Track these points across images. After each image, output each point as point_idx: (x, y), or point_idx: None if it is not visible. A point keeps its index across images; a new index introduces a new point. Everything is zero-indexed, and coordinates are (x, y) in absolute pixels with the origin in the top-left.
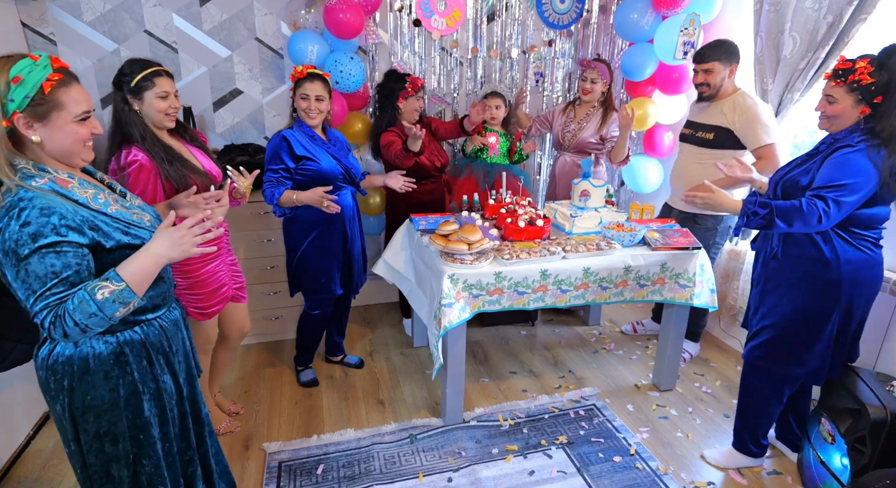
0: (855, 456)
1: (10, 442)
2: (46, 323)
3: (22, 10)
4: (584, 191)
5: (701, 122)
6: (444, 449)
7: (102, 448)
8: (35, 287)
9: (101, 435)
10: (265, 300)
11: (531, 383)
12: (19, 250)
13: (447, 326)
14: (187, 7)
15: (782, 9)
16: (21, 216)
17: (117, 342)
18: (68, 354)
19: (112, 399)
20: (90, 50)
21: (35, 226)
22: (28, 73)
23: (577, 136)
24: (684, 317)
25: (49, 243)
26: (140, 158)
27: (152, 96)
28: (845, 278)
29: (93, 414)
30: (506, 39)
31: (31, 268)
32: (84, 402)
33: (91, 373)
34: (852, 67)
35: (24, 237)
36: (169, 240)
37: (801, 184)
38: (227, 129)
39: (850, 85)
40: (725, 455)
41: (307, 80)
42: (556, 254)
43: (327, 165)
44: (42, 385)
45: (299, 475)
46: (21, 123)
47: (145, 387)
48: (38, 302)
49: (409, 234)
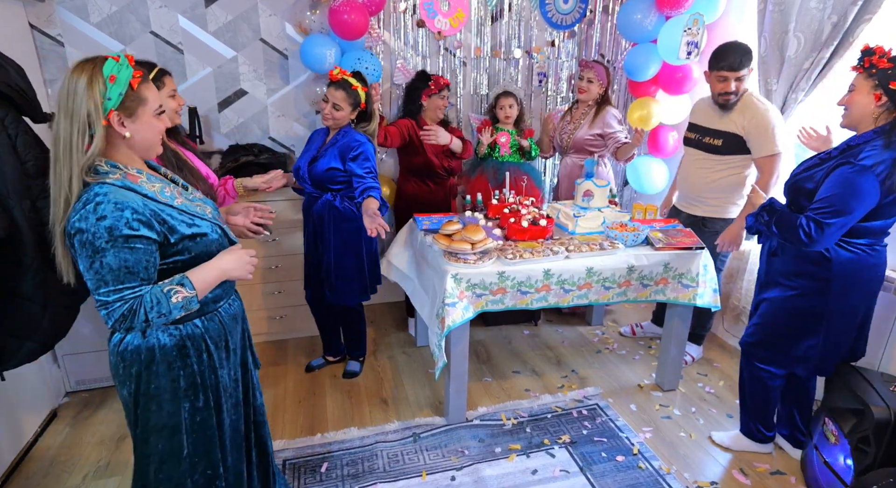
0: (859, 456)
1: (18, 438)
2: (117, 313)
3: (30, 11)
4: (587, 191)
5: (708, 126)
6: (447, 448)
7: (160, 437)
8: (108, 278)
9: (160, 427)
10: (269, 299)
11: (534, 382)
12: (96, 242)
13: (450, 326)
14: (192, 8)
15: (786, 9)
16: (97, 210)
17: (180, 335)
18: (137, 344)
19: (173, 389)
20: (97, 51)
21: (111, 220)
22: (118, 71)
23: (573, 136)
24: (688, 317)
25: (124, 236)
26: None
27: (164, 96)
28: (837, 276)
29: (155, 403)
30: (509, 40)
31: (107, 261)
32: (149, 390)
33: (156, 364)
34: (870, 50)
35: (101, 230)
36: (237, 262)
37: (805, 189)
38: (232, 130)
39: (868, 70)
40: (733, 438)
41: (333, 85)
42: (559, 254)
43: (296, 165)
44: (112, 369)
45: (303, 473)
46: (115, 121)
47: (204, 379)
48: (112, 294)
49: (413, 234)
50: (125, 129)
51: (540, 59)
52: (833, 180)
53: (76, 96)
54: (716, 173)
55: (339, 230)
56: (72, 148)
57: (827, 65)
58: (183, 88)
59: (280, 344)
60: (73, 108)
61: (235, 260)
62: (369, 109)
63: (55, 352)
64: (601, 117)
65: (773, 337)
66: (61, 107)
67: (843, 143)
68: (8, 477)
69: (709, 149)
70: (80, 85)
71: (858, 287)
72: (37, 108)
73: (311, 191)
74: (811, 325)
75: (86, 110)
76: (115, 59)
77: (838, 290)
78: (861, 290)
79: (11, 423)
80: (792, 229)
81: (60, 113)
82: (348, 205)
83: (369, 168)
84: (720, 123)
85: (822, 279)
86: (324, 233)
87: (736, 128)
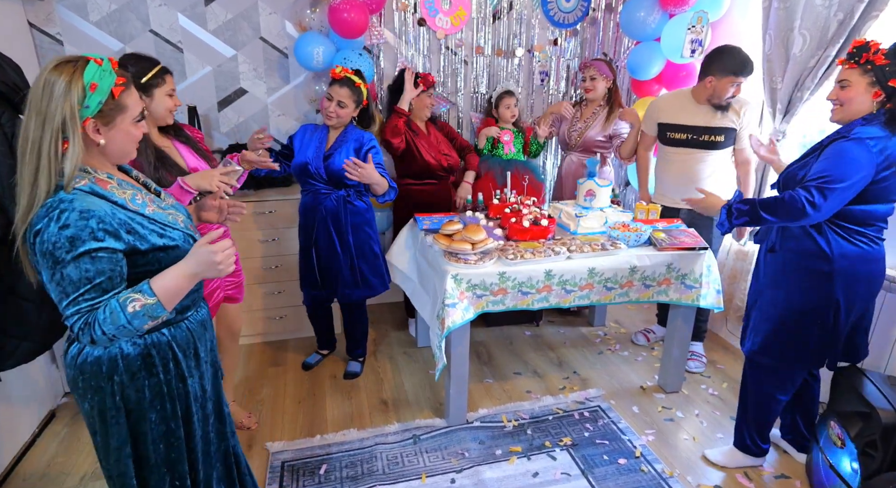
0: (865, 460)
1: (16, 439)
2: (76, 328)
3: (29, 10)
4: (589, 191)
5: (706, 125)
6: (447, 450)
7: (130, 447)
8: (69, 291)
9: (124, 440)
10: (269, 299)
11: (535, 384)
12: (56, 253)
13: (450, 326)
14: (192, 7)
15: (792, 6)
16: (61, 218)
17: (145, 344)
18: (97, 355)
19: (137, 399)
20: (96, 50)
21: (73, 230)
22: (100, 79)
23: (583, 135)
24: (690, 319)
25: (86, 250)
26: None
27: (162, 94)
28: (838, 271)
29: (122, 415)
30: (511, 38)
31: (67, 272)
32: (113, 402)
33: (119, 374)
34: (866, 46)
35: (63, 240)
36: (204, 260)
37: (797, 178)
38: (232, 129)
39: (863, 66)
40: (727, 454)
41: (338, 82)
42: (561, 255)
43: (298, 159)
44: (70, 383)
45: (302, 475)
46: (91, 128)
47: (171, 389)
48: (70, 306)
49: (413, 234)
50: (100, 137)
51: (542, 57)
52: (828, 153)
53: (51, 99)
54: (714, 165)
55: (355, 226)
56: (41, 150)
57: (833, 63)
58: (182, 87)
59: (280, 344)
60: (47, 111)
61: (201, 259)
62: (371, 108)
63: (53, 353)
64: (613, 118)
65: (785, 345)
66: (33, 104)
67: (833, 133)
68: (5, 477)
69: (708, 145)
70: (57, 88)
71: (860, 281)
72: None
73: (321, 187)
74: (816, 324)
75: (60, 116)
76: (97, 61)
77: (840, 284)
78: (863, 285)
79: (9, 424)
80: (789, 202)
81: (32, 110)
82: (361, 200)
83: (381, 162)
84: (719, 121)
85: (822, 273)
86: (340, 229)
87: (734, 124)
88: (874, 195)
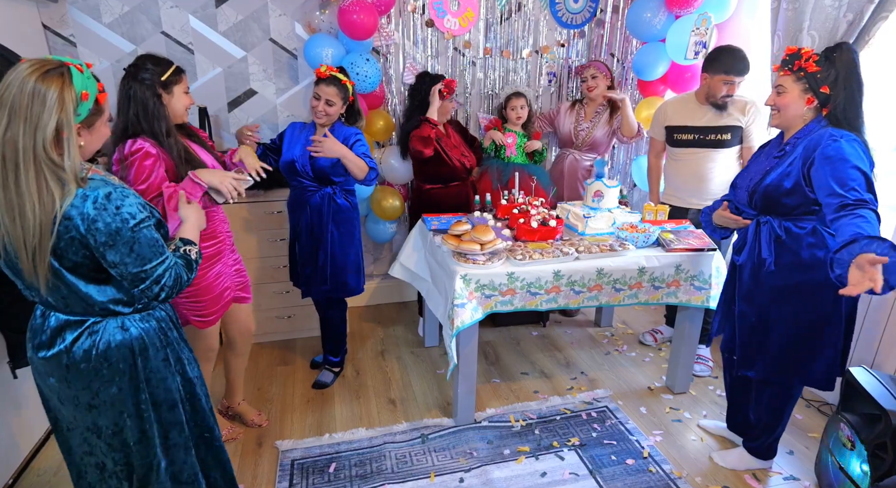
0: (875, 462)
1: (30, 436)
2: (171, 280)
3: (43, 12)
4: (597, 192)
5: (711, 125)
6: (455, 450)
7: (160, 416)
8: (148, 255)
9: (162, 402)
10: (277, 299)
11: (543, 384)
12: (124, 230)
13: (459, 327)
14: (203, 8)
15: (801, 6)
16: (110, 200)
17: (154, 318)
18: (120, 339)
19: (166, 366)
20: (108, 51)
21: (126, 207)
22: (88, 87)
23: (591, 134)
24: (699, 319)
25: (141, 219)
26: (145, 146)
27: (180, 91)
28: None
29: (153, 385)
30: (518, 39)
31: (143, 241)
32: (146, 375)
33: (147, 348)
34: (798, 53)
35: (126, 216)
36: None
37: (784, 188)
38: None
39: (797, 73)
40: (737, 456)
41: (324, 81)
42: (570, 255)
43: (285, 156)
44: (86, 376)
45: (312, 473)
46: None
47: (183, 352)
48: (157, 267)
49: (423, 234)
50: (81, 140)
51: (550, 58)
52: (833, 166)
53: (44, 108)
54: (723, 163)
55: (337, 223)
56: (36, 156)
57: None
58: (193, 88)
59: (288, 343)
60: (39, 120)
61: (193, 209)
62: (356, 105)
63: None
64: (616, 117)
65: (796, 360)
66: (16, 110)
67: (792, 138)
68: (19, 475)
69: (716, 144)
70: (49, 97)
71: None
72: None
73: (308, 184)
74: (828, 334)
75: (54, 124)
76: (79, 68)
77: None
78: None
79: (24, 421)
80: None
81: (18, 117)
82: (346, 199)
83: (367, 152)
84: (724, 120)
85: (824, 284)
86: (322, 227)
87: (739, 122)
88: None
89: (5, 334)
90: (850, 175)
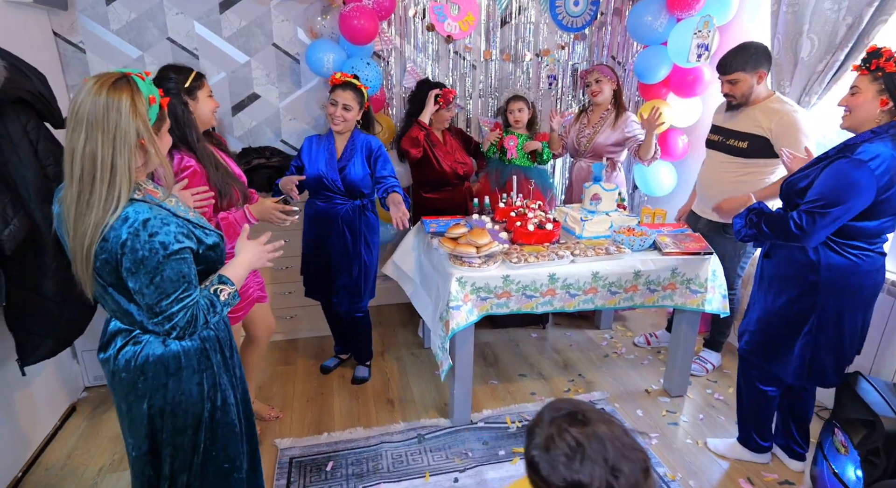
0: (868, 468)
1: (38, 431)
2: (182, 321)
3: (53, 20)
4: (594, 195)
5: (732, 128)
6: (451, 450)
7: (184, 440)
8: (169, 290)
9: (184, 427)
10: (280, 299)
11: (540, 386)
12: (152, 258)
13: (454, 329)
14: (208, 14)
15: (800, 10)
16: (147, 226)
17: (199, 338)
18: (159, 353)
19: (199, 391)
20: (116, 57)
21: (162, 236)
22: (152, 91)
23: (592, 141)
24: (696, 323)
25: (175, 250)
26: (193, 164)
27: (204, 95)
28: (824, 282)
29: (181, 409)
30: (519, 43)
31: (167, 274)
32: (175, 397)
33: (182, 369)
34: (877, 52)
35: (156, 246)
36: (258, 252)
37: (797, 187)
38: (245, 133)
39: (874, 72)
40: (729, 446)
41: (340, 87)
42: (565, 258)
43: (310, 171)
44: (125, 386)
45: (309, 471)
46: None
47: (221, 378)
48: (174, 303)
49: (420, 236)
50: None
51: (550, 61)
52: (828, 174)
53: (120, 116)
54: (739, 177)
55: (367, 237)
56: (115, 167)
57: (841, 67)
58: None
59: (290, 343)
60: (116, 129)
61: (256, 251)
62: (370, 111)
63: (75, 348)
64: (622, 122)
65: (768, 347)
66: (94, 125)
67: (840, 144)
68: (28, 468)
69: (733, 151)
70: (123, 106)
71: (847, 293)
72: (57, 114)
73: (337, 198)
74: (798, 330)
75: (134, 131)
76: (140, 76)
77: (825, 295)
78: (850, 297)
79: (32, 417)
80: (783, 222)
81: (95, 130)
82: (373, 212)
83: (392, 170)
84: (744, 125)
85: (809, 283)
86: (356, 240)
87: (762, 131)
88: (869, 213)
89: (14, 333)
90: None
